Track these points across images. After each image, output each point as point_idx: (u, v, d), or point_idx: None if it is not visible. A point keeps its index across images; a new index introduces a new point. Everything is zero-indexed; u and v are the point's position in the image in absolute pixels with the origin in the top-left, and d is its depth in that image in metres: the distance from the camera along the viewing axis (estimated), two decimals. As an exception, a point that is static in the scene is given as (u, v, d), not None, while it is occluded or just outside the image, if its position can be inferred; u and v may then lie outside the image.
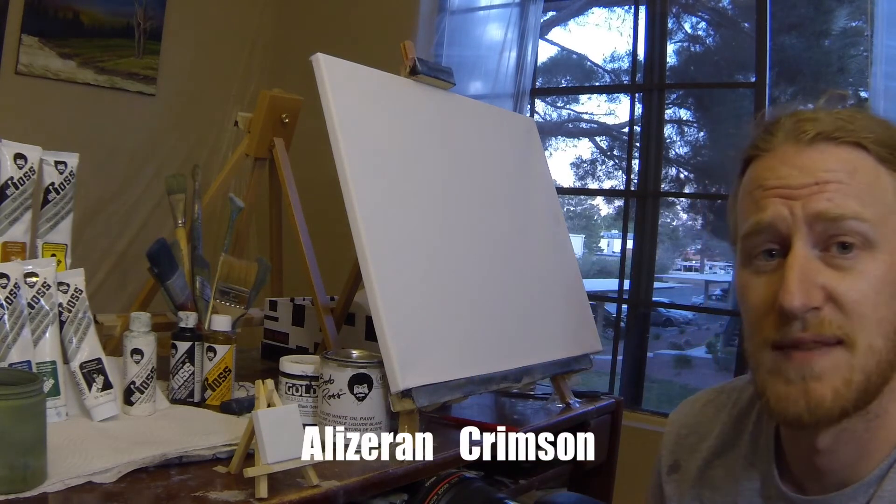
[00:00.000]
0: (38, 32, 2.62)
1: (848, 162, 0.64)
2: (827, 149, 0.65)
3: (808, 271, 0.62)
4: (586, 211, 3.58)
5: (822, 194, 0.63)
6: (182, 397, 1.04)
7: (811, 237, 0.63)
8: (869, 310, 0.61)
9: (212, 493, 0.75)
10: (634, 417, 2.45)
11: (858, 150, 0.65)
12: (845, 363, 0.61)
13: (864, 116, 0.67)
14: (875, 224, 0.62)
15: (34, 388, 0.70)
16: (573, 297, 1.34)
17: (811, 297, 0.61)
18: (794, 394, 0.62)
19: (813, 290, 0.61)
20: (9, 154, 0.93)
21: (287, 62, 3.02)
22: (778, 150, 0.67)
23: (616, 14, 3.02)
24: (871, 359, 0.61)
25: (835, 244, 0.62)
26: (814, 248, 0.63)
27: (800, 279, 0.61)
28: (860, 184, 0.63)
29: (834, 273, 0.62)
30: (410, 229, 1.03)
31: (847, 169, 0.64)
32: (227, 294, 1.14)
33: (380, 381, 0.93)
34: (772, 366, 0.64)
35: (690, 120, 2.94)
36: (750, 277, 0.67)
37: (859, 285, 0.61)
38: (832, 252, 0.62)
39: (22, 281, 0.89)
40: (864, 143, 0.64)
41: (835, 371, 0.61)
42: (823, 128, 0.65)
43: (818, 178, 0.63)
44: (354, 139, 0.99)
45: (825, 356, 0.61)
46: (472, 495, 0.86)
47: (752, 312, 0.66)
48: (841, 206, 0.62)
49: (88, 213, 2.62)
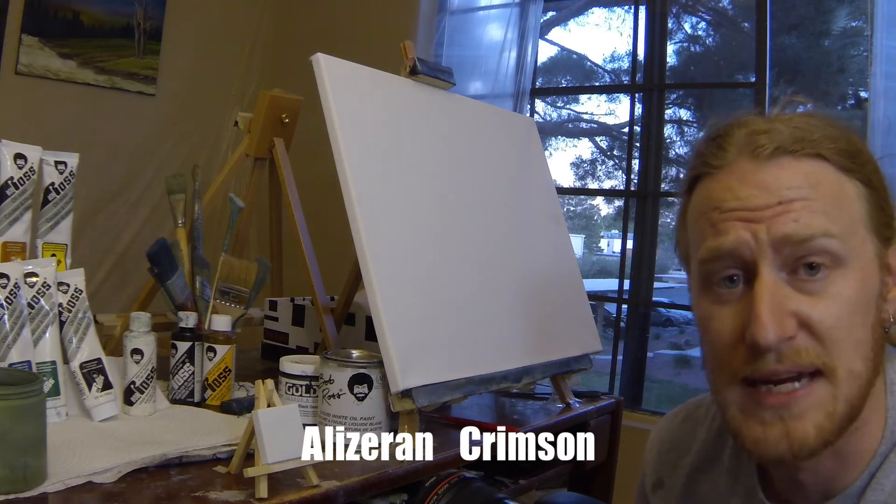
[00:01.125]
0: (38, 32, 2.62)
1: (811, 175, 0.60)
2: (787, 163, 0.61)
3: (779, 299, 0.58)
4: (586, 211, 3.58)
5: (787, 214, 0.59)
6: (182, 397, 1.04)
7: (777, 261, 0.59)
8: (844, 334, 0.58)
9: (212, 493, 0.75)
10: (634, 417, 2.45)
11: (819, 161, 0.61)
12: (828, 395, 0.58)
13: (821, 123, 0.63)
14: (843, 238, 0.59)
15: (34, 388, 0.70)
16: (573, 297, 1.34)
17: (784, 327, 0.57)
18: (774, 436, 0.59)
19: (785, 319, 0.58)
20: (9, 154, 0.93)
21: (287, 62, 3.02)
22: (733, 166, 0.62)
23: (616, 14, 3.02)
24: (853, 384, 0.58)
25: (803, 266, 0.59)
26: (780, 271, 0.59)
27: (771, 309, 0.57)
28: (825, 197, 0.60)
29: (805, 298, 0.58)
30: (410, 229, 1.03)
31: (811, 183, 0.60)
32: (227, 294, 1.14)
33: (380, 381, 0.93)
34: (743, 404, 0.60)
35: (690, 120, 2.94)
36: (711, 307, 0.63)
37: (832, 310, 0.58)
38: (800, 275, 0.59)
39: (22, 281, 0.89)
40: (825, 153, 0.61)
41: (817, 407, 0.58)
42: (781, 141, 0.61)
43: (782, 196, 0.59)
44: (354, 139, 0.99)
45: (805, 395, 0.58)
46: (472, 495, 0.86)
47: (717, 346, 0.62)
48: (808, 225, 0.58)
49: (88, 213, 2.62)
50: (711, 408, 0.79)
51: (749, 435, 0.60)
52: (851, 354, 0.58)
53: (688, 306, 3.55)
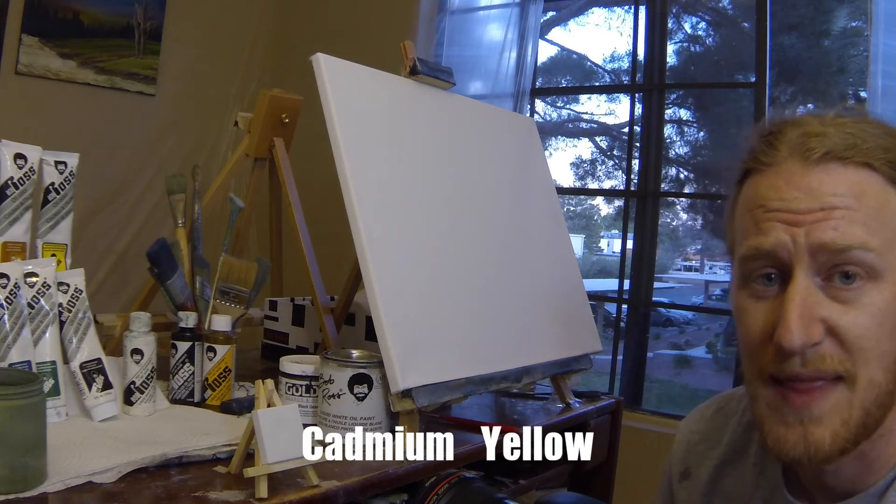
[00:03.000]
0: (38, 32, 2.61)
1: (856, 185, 0.60)
2: (835, 170, 0.61)
3: (809, 305, 0.59)
4: (586, 211, 3.58)
5: (827, 222, 0.59)
6: (182, 397, 1.04)
7: (813, 266, 0.60)
8: (872, 343, 0.59)
9: (212, 493, 0.75)
10: (634, 417, 2.45)
11: (868, 170, 0.61)
12: (845, 401, 0.59)
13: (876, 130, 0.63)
14: (881, 252, 0.59)
15: (34, 388, 0.70)
16: (573, 297, 1.34)
17: (811, 333, 0.59)
18: (793, 438, 0.61)
19: (813, 325, 0.59)
20: (9, 154, 0.93)
21: (287, 62, 3.02)
22: (782, 166, 0.63)
23: (616, 14, 3.02)
24: (871, 393, 0.60)
25: (838, 273, 0.60)
26: (815, 276, 0.60)
27: (800, 315, 0.59)
28: (868, 208, 0.60)
29: (836, 305, 0.59)
30: (410, 229, 1.03)
31: (855, 193, 0.60)
32: (227, 294, 1.14)
33: (380, 381, 0.93)
34: (770, 401, 0.62)
35: (690, 120, 2.94)
36: (747, 301, 0.64)
37: (862, 319, 0.59)
38: (834, 282, 0.60)
39: (22, 281, 0.89)
40: (875, 163, 0.61)
41: (834, 412, 0.60)
42: (832, 146, 0.61)
43: (824, 203, 0.60)
44: (354, 139, 0.99)
45: (824, 397, 0.60)
46: (472, 495, 0.86)
47: (749, 339, 0.64)
48: (846, 235, 0.59)
49: (88, 213, 2.62)
50: (743, 401, 0.80)
51: (771, 433, 0.62)
52: (874, 364, 0.59)
53: (688, 306, 3.56)
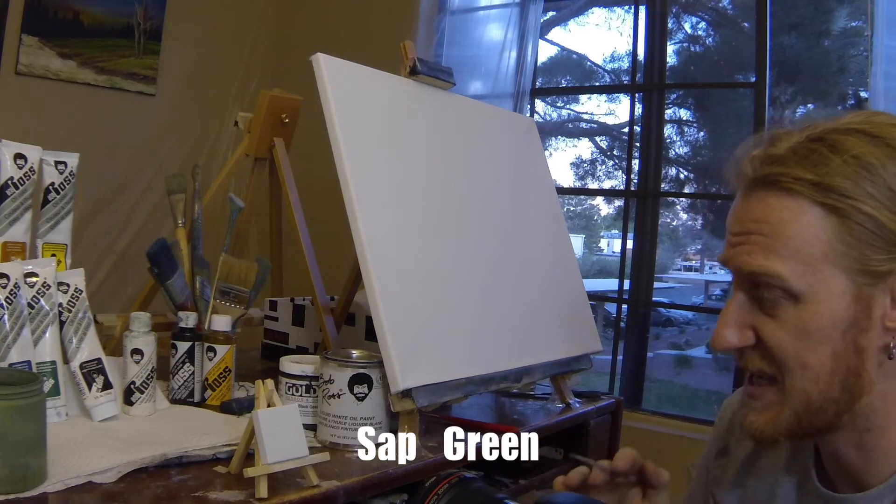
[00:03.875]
0: (38, 32, 2.62)
1: (774, 210, 0.63)
2: (761, 196, 0.64)
3: (738, 314, 0.66)
4: (586, 211, 3.59)
5: (743, 247, 0.65)
6: (182, 397, 1.04)
7: (742, 283, 0.66)
8: (789, 355, 0.63)
9: (212, 493, 0.75)
10: (634, 417, 2.45)
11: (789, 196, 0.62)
12: (776, 402, 0.65)
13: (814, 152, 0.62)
14: (796, 277, 0.62)
15: (34, 388, 0.70)
16: (573, 297, 1.34)
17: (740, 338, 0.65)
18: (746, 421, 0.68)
19: (743, 331, 0.65)
20: (9, 154, 0.93)
21: (287, 62, 3.02)
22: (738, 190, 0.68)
23: (616, 14, 3.02)
24: (800, 401, 0.64)
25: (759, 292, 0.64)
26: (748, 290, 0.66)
27: (726, 322, 0.66)
28: (784, 237, 0.62)
29: (762, 316, 0.65)
30: (410, 229, 1.03)
31: (771, 219, 0.63)
32: (227, 294, 1.14)
33: (380, 381, 0.93)
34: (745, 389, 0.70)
35: (690, 120, 2.94)
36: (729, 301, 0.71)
37: (779, 332, 0.64)
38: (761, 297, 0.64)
39: (22, 281, 0.89)
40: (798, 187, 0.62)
41: (768, 408, 0.66)
42: (759, 172, 0.64)
43: (745, 228, 0.65)
44: (354, 139, 0.99)
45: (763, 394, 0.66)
46: (472, 495, 0.86)
47: None
48: (755, 263, 0.63)
49: (88, 213, 2.62)
50: None
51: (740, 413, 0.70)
52: (798, 375, 0.64)
53: (687, 306, 3.55)
